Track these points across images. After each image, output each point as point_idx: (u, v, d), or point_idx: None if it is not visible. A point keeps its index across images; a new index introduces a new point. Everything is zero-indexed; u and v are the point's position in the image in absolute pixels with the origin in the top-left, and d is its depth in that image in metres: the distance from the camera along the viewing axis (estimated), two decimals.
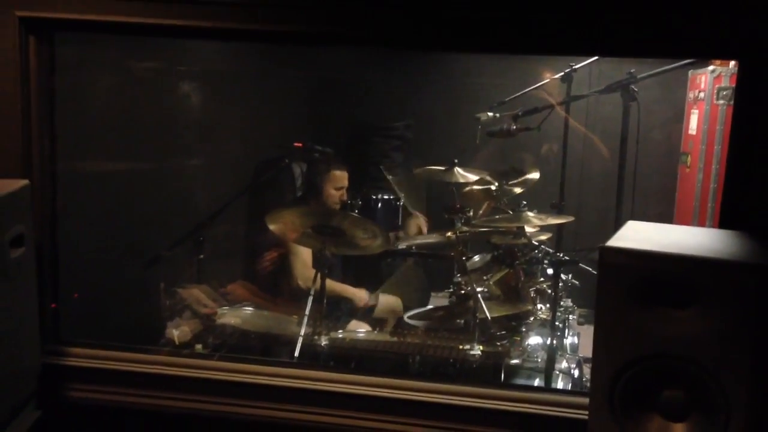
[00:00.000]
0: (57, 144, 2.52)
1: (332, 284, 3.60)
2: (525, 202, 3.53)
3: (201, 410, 2.47)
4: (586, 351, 3.36)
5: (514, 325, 3.37)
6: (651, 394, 1.67)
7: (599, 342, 1.71)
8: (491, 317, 3.10)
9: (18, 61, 2.31)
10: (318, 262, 3.24)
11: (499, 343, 3.15)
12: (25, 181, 2.24)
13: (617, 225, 2.76)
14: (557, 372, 3.16)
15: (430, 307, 3.82)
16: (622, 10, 2.07)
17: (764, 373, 1.56)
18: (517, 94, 3.76)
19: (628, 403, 1.68)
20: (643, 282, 1.63)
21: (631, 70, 3.05)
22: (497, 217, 3.65)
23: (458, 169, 3.89)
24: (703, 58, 3.86)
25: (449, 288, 3.64)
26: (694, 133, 4.60)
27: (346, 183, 3.91)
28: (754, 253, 1.70)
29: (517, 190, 3.84)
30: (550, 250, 3.65)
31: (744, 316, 1.54)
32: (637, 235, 1.83)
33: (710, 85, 4.36)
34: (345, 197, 3.91)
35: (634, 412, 1.69)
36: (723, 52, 2.46)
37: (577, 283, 3.84)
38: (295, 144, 3.86)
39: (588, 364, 3.10)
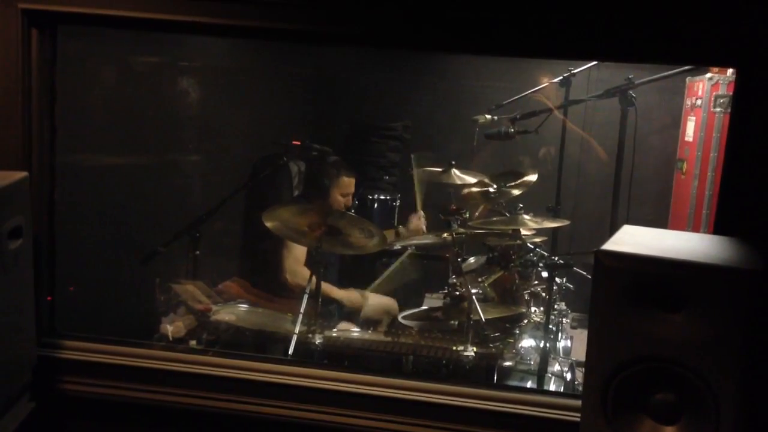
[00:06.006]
0: (57, 137, 2.52)
1: (323, 286, 3.51)
2: (521, 205, 3.54)
3: (194, 405, 2.48)
4: (579, 355, 3.37)
5: (508, 328, 3.38)
6: (643, 396, 1.68)
7: (593, 344, 1.72)
8: (485, 319, 3.11)
9: (20, 53, 2.31)
10: (314, 261, 3.24)
11: (492, 345, 3.15)
12: (24, 173, 2.25)
13: (612, 229, 2.78)
14: (550, 375, 3.17)
15: (424, 307, 3.82)
16: (622, 15, 2.08)
17: (754, 377, 1.57)
18: (516, 98, 3.78)
19: (620, 405, 1.69)
20: (637, 285, 1.63)
21: (630, 76, 3.07)
22: (493, 219, 3.66)
23: (455, 171, 3.90)
24: (701, 64, 3.87)
25: (444, 289, 3.64)
26: (690, 139, 4.61)
27: (352, 189, 3.89)
28: (745, 259, 1.71)
29: (515, 192, 3.86)
30: (545, 254, 3.66)
31: (734, 320, 1.55)
32: (632, 239, 1.84)
33: (707, 92, 4.36)
34: (350, 204, 3.90)
35: (625, 414, 1.70)
36: (722, 60, 2.48)
37: (571, 286, 3.85)
38: (293, 142, 3.85)
39: (580, 368, 3.11)
